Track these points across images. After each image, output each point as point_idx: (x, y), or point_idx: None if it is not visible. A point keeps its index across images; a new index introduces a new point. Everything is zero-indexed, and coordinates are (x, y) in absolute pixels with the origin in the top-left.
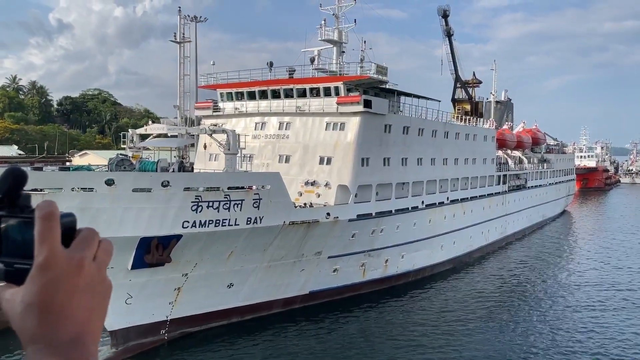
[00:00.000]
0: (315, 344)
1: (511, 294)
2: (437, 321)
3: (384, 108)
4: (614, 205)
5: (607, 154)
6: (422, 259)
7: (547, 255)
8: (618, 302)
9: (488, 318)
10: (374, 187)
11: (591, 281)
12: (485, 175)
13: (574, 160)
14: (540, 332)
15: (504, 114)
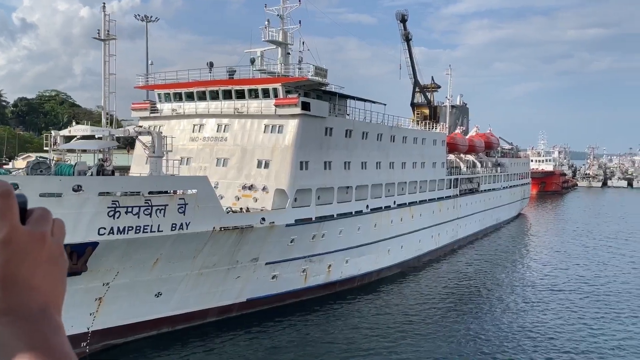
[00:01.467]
0: (253, 352)
1: (460, 298)
2: (382, 326)
3: (324, 110)
4: (569, 208)
5: (565, 158)
6: (368, 263)
7: (498, 259)
8: (567, 304)
9: (436, 322)
10: (314, 191)
11: (540, 283)
12: (435, 179)
13: (529, 164)
14: (489, 335)
15: (459, 119)
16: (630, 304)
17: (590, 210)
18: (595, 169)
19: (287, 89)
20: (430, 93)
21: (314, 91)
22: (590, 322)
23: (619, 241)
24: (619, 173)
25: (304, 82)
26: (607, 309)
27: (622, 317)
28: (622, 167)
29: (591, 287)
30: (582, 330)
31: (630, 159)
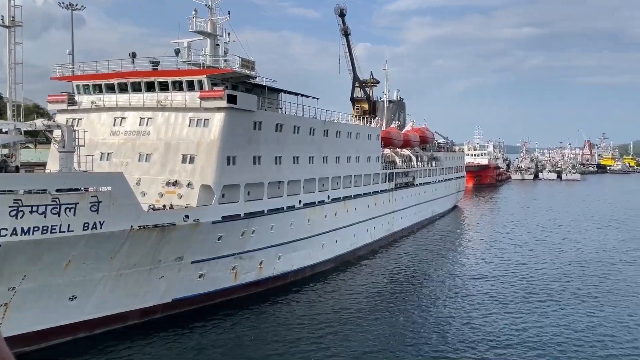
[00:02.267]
0: (178, 354)
1: (394, 291)
2: (315, 322)
3: (252, 104)
4: (503, 200)
5: (500, 152)
6: (302, 259)
7: (433, 251)
8: (500, 292)
9: (369, 316)
10: (242, 186)
11: (471, 274)
12: (370, 173)
13: (464, 158)
14: (420, 326)
15: (396, 113)
16: (553, 291)
17: (522, 202)
18: (528, 162)
19: (213, 82)
20: (369, 88)
21: (242, 84)
22: (515, 310)
23: (546, 230)
24: (549, 166)
25: (230, 74)
26: (533, 296)
27: (545, 305)
28: (553, 160)
29: (519, 276)
30: (505, 319)
31: (561, 152)
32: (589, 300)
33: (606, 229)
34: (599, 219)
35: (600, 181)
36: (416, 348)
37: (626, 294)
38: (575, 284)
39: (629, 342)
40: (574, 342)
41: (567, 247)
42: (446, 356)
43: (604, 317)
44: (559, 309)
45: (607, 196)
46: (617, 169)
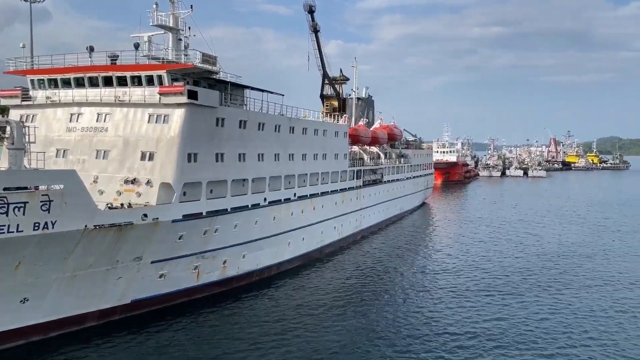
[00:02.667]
0: (138, 356)
1: (361, 288)
2: (281, 320)
3: (214, 100)
4: (470, 197)
5: (469, 150)
6: (267, 257)
7: (400, 248)
8: (464, 287)
9: (335, 314)
10: (204, 184)
11: (438, 270)
12: (337, 170)
13: (432, 155)
14: (387, 324)
15: (365, 111)
16: (515, 285)
17: (489, 198)
18: (495, 159)
19: (173, 77)
20: (339, 85)
21: (204, 80)
22: (478, 303)
23: (511, 226)
24: (516, 163)
25: (191, 69)
26: (495, 290)
27: (508, 298)
28: (520, 157)
29: (483, 270)
30: (468, 312)
31: (528, 149)
32: (549, 293)
33: (568, 224)
34: (562, 215)
35: (565, 178)
36: (381, 344)
37: (583, 287)
38: (536, 278)
39: (585, 333)
40: (532, 333)
41: (530, 242)
42: (410, 350)
43: (561, 308)
44: (520, 301)
45: (570, 192)
46: (581, 166)
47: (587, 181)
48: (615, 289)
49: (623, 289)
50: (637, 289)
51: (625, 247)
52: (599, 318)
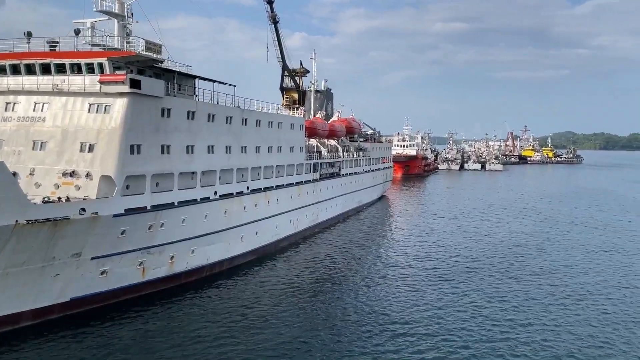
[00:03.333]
0: (77, 355)
1: (317, 281)
2: (232, 316)
3: (159, 90)
4: (429, 190)
5: (429, 143)
6: (219, 252)
7: (357, 241)
8: (417, 279)
9: (289, 308)
10: (149, 177)
11: (395, 261)
12: (293, 163)
13: (391, 148)
14: (343, 315)
15: (324, 104)
16: (466, 276)
17: (447, 191)
18: (454, 153)
19: (116, 65)
20: (299, 77)
21: (150, 69)
22: (437, 298)
23: (466, 218)
24: (474, 157)
25: (134, 57)
26: (447, 281)
27: (457, 289)
28: (478, 151)
29: (436, 262)
30: (429, 310)
31: (486, 143)
32: (494, 282)
33: (521, 217)
34: (515, 208)
35: (521, 171)
36: (332, 337)
37: (530, 280)
38: (485, 268)
39: (530, 326)
40: (479, 323)
41: (483, 234)
42: (362, 344)
43: (509, 300)
44: (466, 292)
45: (525, 186)
46: (537, 160)
47: (541, 175)
48: (557, 278)
49: (564, 278)
50: (572, 280)
51: (573, 239)
52: (537, 306)
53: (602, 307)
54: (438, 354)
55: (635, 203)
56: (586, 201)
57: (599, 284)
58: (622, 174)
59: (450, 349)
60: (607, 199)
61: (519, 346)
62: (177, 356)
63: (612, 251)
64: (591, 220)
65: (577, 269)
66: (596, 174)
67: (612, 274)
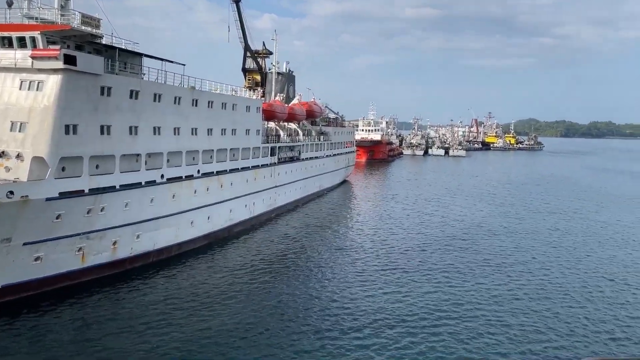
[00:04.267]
0: (7, 347)
1: (272, 265)
2: (180, 303)
3: (98, 67)
4: (392, 175)
5: (394, 129)
6: (167, 237)
7: (317, 224)
8: (371, 264)
9: (241, 294)
10: (86, 159)
11: (352, 246)
12: (249, 147)
13: (354, 133)
14: (296, 304)
15: (285, 86)
16: (418, 263)
17: (409, 177)
18: (419, 138)
19: (50, 39)
20: (262, 59)
21: (89, 44)
22: (387, 285)
23: (424, 203)
24: (438, 142)
25: (69, 31)
26: (404, 269)
27: (410, 276)
28: (443, 137)
29: (393, 251)
30: (378, 297)
31: (452, 129)
32: (449, 270)
33: (479, 202)
34: (473, 194)
35: (483, 157)
36: (279, 325)
37: (482, 266)
38: (440, 253)
39: (477, 310)
40: (423, 307)
41: (441, 219)
42: (310, 332)
43: (457, 285)
44: (415, 278)
45: (485, 171)
46: (499, 146)
47: (503, 161)
48: (508, 263)
49: (514, 262)
50: (521, 263)
51: (526, 225)
52: (485, 291)
53: (551, 289)
54: (382, 340)
55: (590, 189)
56: (543, 187)
57: (547, 268)
58: (579, 161)
59: (396, 336)
60: (563, 185)
61: (461, 331)
62: (114, 346)
63: (564, 235)
64: (547, 205)
65: (526, 253)
66: (554, 161)
67: (561, 257)
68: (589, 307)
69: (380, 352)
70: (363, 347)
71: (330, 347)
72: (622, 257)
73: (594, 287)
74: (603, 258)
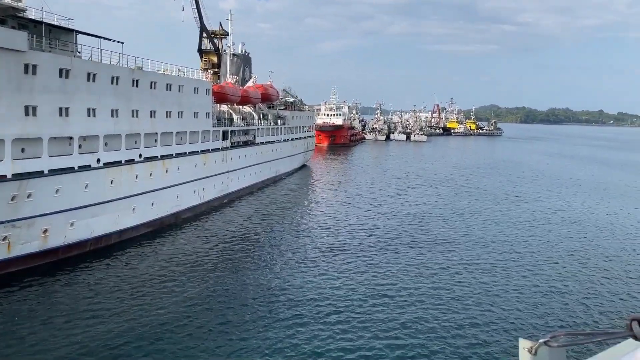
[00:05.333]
0: None
1: (221, 251)
2: (116, 292)
3: (21, 43)
4: (352, 159)
5: (357, 113)
6: (105, 224)
7: (271, 210)
8: (327, 253)
9: (184, 283)
10: (8, 142)
11: (304, 231)
12: (197, 130)
13: (313, 117)
14: (244, 292)
15: (241, 68)
16: (373, 246)
17: (369, 161)
18: (381, 123)
19: None
20: (218, 40)
21: (13, 19)
22: (337, 273)
23: (383, 188)
24: (400, 128)
25: None
26: (355, 255)
27: (381, 264)
28: (406, 122)
29: (346, 236)
30: (327, 287)
31: (415, 115)
32: (399, 255)
33: (435, 186)
34: (428, 178)
35: (444, 142)
36: (220, 317)
37: (429, 246)
38: (389, 241)
39: (422, 291)
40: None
41: (394, 204)
42: (255, 324)
43: (408, 270)
44: (365, 266)
45: (444, 156)
46: (460, 132)
47: (463, 146)
48: (460, 249)
49: (464, 246)
50: (468, 247)
51: (482, 209)
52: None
53: (499, 273)
54: (329, 332)
55: (542, 175)
56: (499, 172)
57: (492, 252)
58: (534, 147)
59: (342, 327)
60: (517, 170)
61: (403, 315)
62: (36, 341)
63: (509, 218)
64: (498, 190)
65: (475, 238)
66: (512, 146)
67: (507, 242)
68: (523, 288)
69: (322, 339)
70: (309, 336)
71: (275, 336)
72: (563, 239)
73: (533, 267)
74: (542, 241)
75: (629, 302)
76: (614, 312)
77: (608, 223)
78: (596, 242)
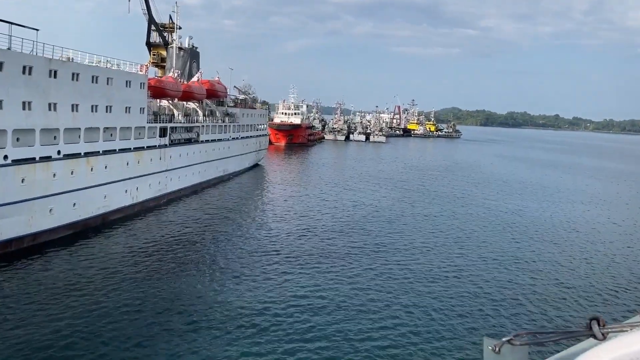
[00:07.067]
0: None
1: (150, 259)
2: (17, 304)
3: None
4: (308, 159)
5: (317, 113)
6: (15, 227)
7: (213, 212)
8: (270, 253)
9: (109, 292)
10: None
11: (248, 233)
12: (129, 126)
13: (266, 116)
14: (178, 299)
15: (188, 63)
16: (323, 250)
17: (325, 162)
18: (341, 123)
19: None
20: (168, 33)
21: None
22: (280, 281)
23: (335, 189)
24: (360, 128)
25: None
26: (300, 263)
27: (314, 265)
28: (367, 123)
29: (291, 241)
30: (278, 283)
31: (377, 116)
32: (346, 262)
33: (387, 189)
34: (382, 179)
35: (403, 143)
36: (144, 331)
37: (378, 250)
38: (337, 242)
39: (371, 293)
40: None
41: (344, 207)
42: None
43: (351, 278)
44: (310, 273)
45: (403, 157)
46: (420, 133)
47: (420, 148)
48: (406, 253)
49: (410, 251)
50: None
51: (428, 210)
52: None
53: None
54: (270, 344)
55: (492, 177)
56: (452, 174)
57: (440, 252)
58: (491, 149)
59: (288, 338)
60: (470, 172)
61: (352, 319)
62: None
63: (457, 219)
64: (448, 192)
65: (420, 236)
66: (467, 148)
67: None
68: (476, 289)
69: (254, 347)
70: (245, 343)
71: (209, 345)
72: (511, 239)
73: (483, 269)
74: (490, 241)
75: (585, 300)
76: (570, 313)
77: (558, 224)
78: (553, 243)
